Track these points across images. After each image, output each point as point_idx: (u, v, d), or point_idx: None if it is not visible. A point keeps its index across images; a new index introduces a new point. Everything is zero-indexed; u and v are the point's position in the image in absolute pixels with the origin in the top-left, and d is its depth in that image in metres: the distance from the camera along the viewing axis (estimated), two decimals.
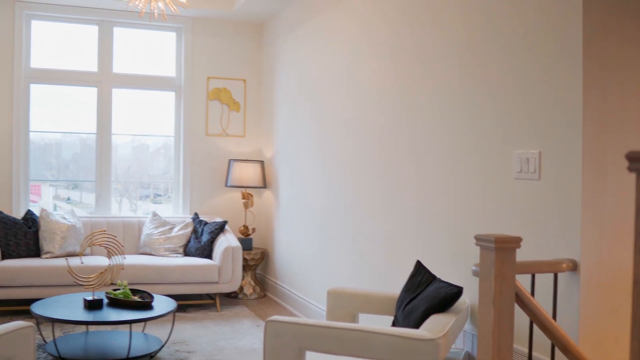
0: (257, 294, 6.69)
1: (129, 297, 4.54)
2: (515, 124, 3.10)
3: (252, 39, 7.15)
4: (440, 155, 3.74)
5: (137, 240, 6.47)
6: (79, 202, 7.31)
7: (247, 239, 6.76)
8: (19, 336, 2.66)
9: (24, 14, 6.44)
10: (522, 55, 3.05)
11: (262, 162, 6.84)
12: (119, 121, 6.91)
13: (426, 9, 3.91)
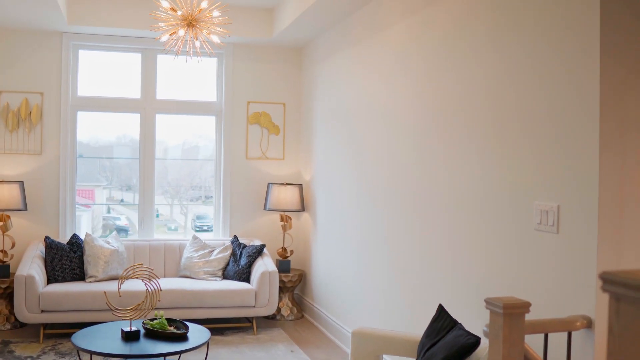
0: (295, 315, 6.79)
1: (165, 327, 4.69)
2: (537, 176, 3.11)
3: (292, 63, 7.26)
4: (466, 199, 3.76)
5: (178, 263, 6.64)
6: (131, 203, 7.56)
7: (285, 261, 6.86)
8: None
9: (71, 45, 6.70)
10: (547, 113, 3.06)
11: (300, 185, 6.93)
12: (163, 143, 7.13)
13: (458, 48, 3.93)
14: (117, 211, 8.07)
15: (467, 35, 3.80)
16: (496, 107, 3.47)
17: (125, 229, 7.85)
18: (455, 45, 3.93)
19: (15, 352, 5.33)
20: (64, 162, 6.66)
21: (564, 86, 2.92)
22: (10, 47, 6.50)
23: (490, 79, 3.54)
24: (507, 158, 3.35)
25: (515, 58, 3.29)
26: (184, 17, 4.52)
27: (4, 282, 5.99)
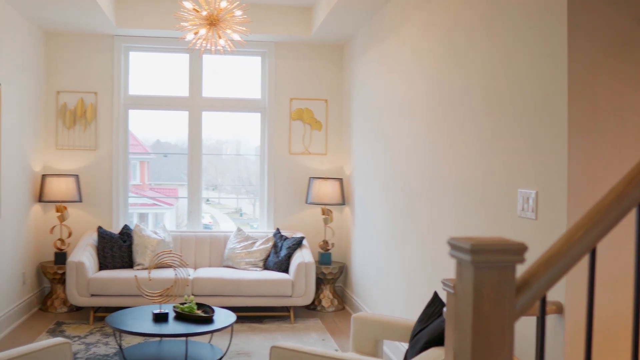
0: (335, 306, 6.94)
1: (193, 311, 4.95)
2: (521, 163, 3.16)
3: (333, 59, 7.43)
4: (464, 187, 3.83)
5: (222, 253, 6.93)
6: (217, 202, 7.92)
7: (326, 254, 7.03)
8: (56, 351, 3.09)
9: (123, 47, 7.11)
10: (523, 99, 3.12)
11: (341, 179, 7.09)
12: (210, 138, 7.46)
13: (460, 49, 4.01)
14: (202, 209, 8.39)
15: (463, 27, 3.87)
16: (487, 96, 3.53)
17: (209, 227, 8.20)
18: (454, 37, 4.01)
19: (66, 332, 5.74)
20: (116, 157, 7.08)
21: (534, 72, 2.97)
22: (66, 51, 6.97)
23: (481, 69, 3.61)
24: (496, 145, 3.41)
25: (502, 47, 3.35)
26: (207, 16, 4.76)
27: (61, 268, 6.43)
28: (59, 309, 6.47)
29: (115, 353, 5.13)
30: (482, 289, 1.37)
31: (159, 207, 8.32)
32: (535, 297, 1.42)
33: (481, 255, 1.36)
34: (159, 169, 7.90)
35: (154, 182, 8.39)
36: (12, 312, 5.84)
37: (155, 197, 8.27)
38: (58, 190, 6.56)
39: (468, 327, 1.38)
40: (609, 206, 1.44)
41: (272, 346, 3.19)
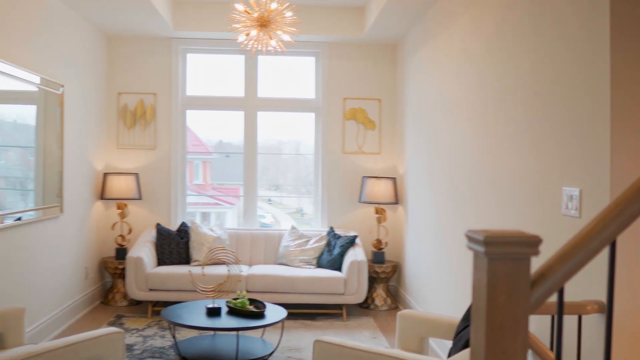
0: (388, 305, 6.96)
1: (245, 306, 5.07)
2: (564, 162, 3.12)
3: (386, 59, 7.44)
4: (507, 186, 3.80)
5: (277, 251, 7.04)
6: (279, 202, 8.07)
7: (379, 253, 7.06)
8: (109, 340, 3.23)
9: (180, 49, 7.31)
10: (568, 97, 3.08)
11: (394, 178, 7.10)
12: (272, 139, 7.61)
13: (507, 47, 3.98)
14: (264, 209, 8.58)
15: (509, 25, 3.84)
16: (531, 95, 3.50)
17: (270, 226, 8.36)
18: (500, 35, 3.97)
19: (125, 324, 5.95)
20: (174, 156, 7.28)
21: (577, 69, 2.94)
22: (127, 53, 7.21)
23: (526, 67, 3.57)
24: (540, 143, 3.37)
25: (547, 45, 3.31)
26: (258, 18, 4.86)
27: (122, 264, 6.67)
28: (119, 302, 6.71)
29: (170, 346, 5.29)
30: (496, 280, 1.39)
31: (221, 206, 8.49)
32: (551, 290, 1.43)
33: (495, 247, 1.37)
34: (221, 169, 8.09)
35: (216, 182, 8.57)
36: (75, 304, 6.10)
37: (217, 197, 8.46)
38: (119, 188, 6.81)
39: (482, 318, 1.40)
40: (628, 200, 1.43)
41: (316, 340, 3.24)
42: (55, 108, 5.59)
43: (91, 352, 3.17)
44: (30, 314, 5.08)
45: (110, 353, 3.23)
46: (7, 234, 4.65)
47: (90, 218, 6.68)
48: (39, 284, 5.27)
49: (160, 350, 5.19)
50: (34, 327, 5.13)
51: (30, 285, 5.08)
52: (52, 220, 5.55)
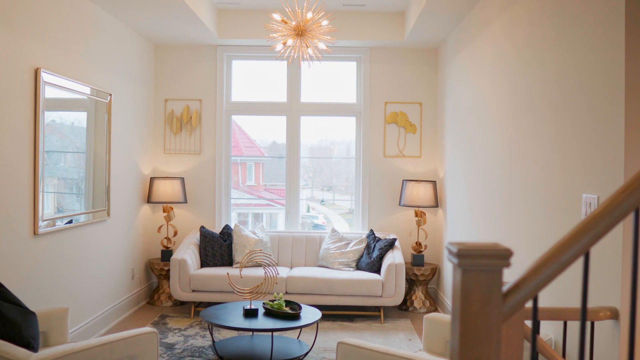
0: (427, 308, 7.00)
1: (281, 308, 5.21)
2: (585, 169, 3.15)
3: (427, 63, 7.48)
4: (531, 192, 3.83)
5: (317, 253, 7.18)
6: (332, 202, 8.21)
7: (418, 255, 7.11)
8: (144, 340, 3.42)
9: (225, 56, 7.52)
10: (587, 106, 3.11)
11: (434, 182, 7.14)
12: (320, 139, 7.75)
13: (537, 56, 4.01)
14: (317, 210, 8.73)
15: (537, 32, 3.87)
16: (554, 102, 3.53)
17: (322, 227, 8.51)
18: (528, 43, 4.01)
19: (168, 324, 6.18)
20: (219, 161, 7.50)
21: (595, 78, 2.97)
22: (174, 61, 7.47)
23: (549, 75, 3.60)
24: (562, 150, 3.40)
25: (569, 53, 3.34)
26: (295, 27, 5.00)
27: (167, 265, 6.91)
28: (164, 303, 6.95)
29: (210, 345, 5.48)
30: (469, 290, 1.47)
31: (273, 207, 8.67)
32: (525, 299, 1.51)
33: (467, 259, 1.46)
34: (274, 170, 8.26)
35: (268, 183, 8.73)
36: (121, 304, 6.36)
37: (267, 197, 8.62)
38: (165, 192, 7.05)
39: (457, 324, 1.49)
40: (598, 217, 1.50)
41: (339, 342, 3.35)
42: (103, 115, 5.86)
43: (126, 351, 3.35)
44: (79, 313, 5.34)
45: (145, 352, 3.41)
46: (58, 237, 4.91)
47: (138, 221, 6.95)
48: (87, 284, 5.53)
49: (200, 350, 5.38)
50: (81, 326, 5.39)
51: (78, 285, 5.35)
52: (100, 224, 5.82)
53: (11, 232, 4.23)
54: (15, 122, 4.28)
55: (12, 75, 4.21)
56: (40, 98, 4.56)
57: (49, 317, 3.79)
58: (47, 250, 4.77)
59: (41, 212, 4.63)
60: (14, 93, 4.26)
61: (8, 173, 4.19)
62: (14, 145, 4.26)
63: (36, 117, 4.54)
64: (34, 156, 4.53)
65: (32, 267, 4.53)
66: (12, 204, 4.23)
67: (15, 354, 2.97)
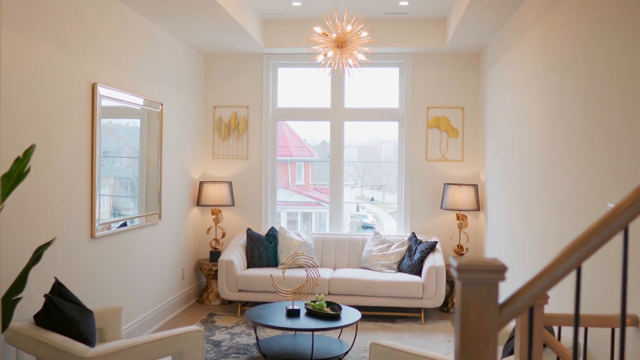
0: None
1: (322, 308, 5.43)
2: (609, 179, 3.27)
3: (469, 68, 7.59)
4: (562, 201, 3.94)
5: (360, 255, 7.37)
6: (381, 202, 8.39)
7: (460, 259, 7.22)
8: (190, 337, 3.68)
9: (271, 64, 7.79)
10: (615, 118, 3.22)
11: (475, 185, 7.25)
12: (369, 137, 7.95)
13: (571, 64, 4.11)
14: (366, 209, 8.93)
15: (573, 39, 3.97)
16: (583, 112, 3.64)
17: (372, 226, 8.71)
18: (564, 50, 4.11)
19: (216, 322, 6.47)
20: (265, 165, 7.77)
21: (621, 89, 3.07)
22: (222, 69, 7.77)
23: (581, 82, 3.71)
24: (590, 160, 3.51)
25: (600, 62, 3.45)
26: (336, 39, 5.20)
27: (215, 266, 7.21)
28: (213, 301, 7.25)
29: (254, 343, 5.73)
30: (468, 301, 1.65)
31: (322, 206, 8.90)
32: (521, 309, 1.68)
33: (466, 273, 1.64)
34: (323, 170, 8.46)
35: (317, 183, 8.94)
36: (171, 303, 6.69)
37: (315, 197, 8.82)
38: (213, 195, 7.35)
39: (458, 331, 1.67)
40: (592, 233, 1.66)
41: (372, 343, 3.54)
42: (155, 123, 6.18)
43: (174, 348, 3.62)
44: (132, 311, 5.67)
45: (192, 349, 3.67)
46: (113, 239, 5.24)
47: (188, 223, 7.27)
48: (139, 284, 5.86)
49: (245, 348, 5.64)
50: (134, 323, 5.72)
51: (131, 285, 5.68)
52: (152, 227, 6.14)
53: (71, 236, 4.57)
54: (75, 134, 4.61)
55: (70, 90, 4.55)
56: (97, 110, 4.89)
57: (104, 315, 4.10)
58: (103, 253, 5.10)
59: (98, 216, 4.95)
60: (73, 106, 4.59)
61: (69, 180, 4.52)
62: (74, 155, 4.59)
63: (93, 129, 4.87)
64: (91, 165, 4.86)
65: (90, 268, 4.86)
66: (72, 209, 4.57)
67: (75, 349, 3.26)
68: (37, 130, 4.12)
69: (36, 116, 4.11)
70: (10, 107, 3.83)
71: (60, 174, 4.42)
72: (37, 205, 4.12)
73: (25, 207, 3.97)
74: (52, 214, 4.31)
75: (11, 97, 3.84)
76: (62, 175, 4.45)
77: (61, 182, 4.43)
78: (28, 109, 4.02)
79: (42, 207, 4.18)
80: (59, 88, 4.40)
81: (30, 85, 4.05)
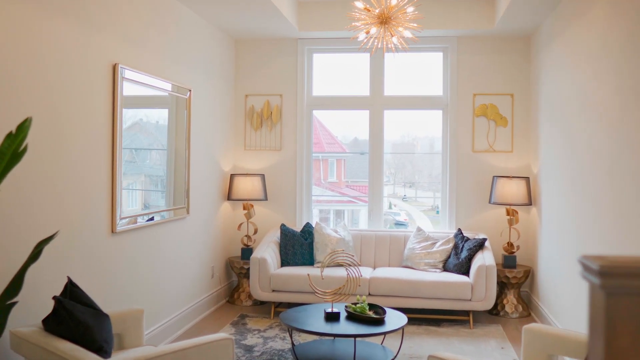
0: (519, 313, 6.57)
1: (365, 312, 4.93)
2: None
3: (519, 52, 7.02)
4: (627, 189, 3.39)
5: (402, 253, 6.85)
6: (414, 199, 7.95)
7: (510, 256, 6.68)
8: (219, 346, 3.21)
9: (306, 49, 7.30)
10: None
11: (527, 178, 6.68)
12: (402, 134, 7.45)
13: None
14: (398, 207, 8.49)
15: None
16: None
17: (404, 224, 8.26)
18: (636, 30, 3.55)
19: (248, 324, 6.02)
20: (300, 157, 7.29)
21: None
22: (254, 56, 7.31)
23: None
24: None
25: None
26: (379, 15, 4.70)
27: (247, 264, 6.76)
28: (244, 302, 6.80)
29: (289, 349, 5.26)
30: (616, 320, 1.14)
31: (355, 204, 8.48)
32: None
33: (615, 279, 1.13)
34: (355, 166, 8.05)
35: (350, 180, 8.55)
36: (201, 303, 6.24)
37: (349, 194, 8.43)
38: (245, 189, 6.90)
39: None
40: None
41: (429, 355, 3.05)
42: (182, 111, 5.74)
43: (201, 358, 3.16)
44: (156, 313, 5.24)
45: (221, 359, 3.21)
46: (137, 235, 4.81)
47: (218, 218, 6.82)
48: (165, 283, 5.42)
49: (280, 353, 5.17)
50: (158, 326, 5.28)
51: (155, 284, 5.24)
52: (179, 221, 5.70)
53: (90, 231, 4.14)
54: (94, 119, 4.18)
55: (89, 71, 4.11)
56: (117, 94, 4.45)
57: (124, 319, 3.66)
58: (125, 249, 4.67)
59: (119, 210, 4.52)
60: (92, 89, 4.15)
61: (87, 170, 4.09)
62: (92, 143, 4.16)
63: (114, 113, 4.44)
64: (112, 153, 4.43)
65: (109, 266, 4.43)
66: (88, 202, 4.14)
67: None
68: (49, 114, 3.69)
69: (47, 96, 3.68)
70: (17, 83, 3.40)
71: (75, 163, 3.99)
72: (45, 195, 3.69)
73: (30, 199, 3.54)
74: (64, 206, 3.88)
75: (20, 73, 3.41)
76: (78, 164, 4.02)
77: (76, 172, 4.00)
78: (38, 87, 3.59)
79: (52, 198, 3.75)
80: (76, 67, 3.96)
81: (44, 63, 3.62)
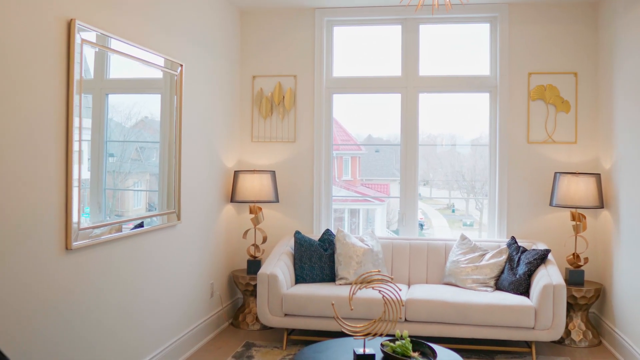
0: (589, 341, 5.32)
1: (408, 353, 3.69)
2: None
3: (584, 21, 5.76)
4: None
5: (442, 267, 5.63)
6: (429, 197, 6.85)
7: (577, 271, 5.43)
8: None
9: (325, 21, 6.08)
10: None
11: (597, 175, 5.42)
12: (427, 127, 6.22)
13: None
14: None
15: None
16: None
17: (421, 223, 7.16)
18: None
19: (254, 357, 4.82)
20: (318, 151, 6.08)
21: None
22: (263, 29, 6.12)
23: None
24: None
25: None
26: None
27: (254, 279, 5.58)
28: (250, 325, 5.63)
29: None
30: None
31: (370, 203, 7.44)
32: None
33: None
34: (370, 164, 6.93)
35: (365, 178, 7.51)
36: (197, 330, 5.06)
37: (365, 193, 7.38)
38: (252, 188, 5.70)
39: None
40: None
41: None
42: (171, 93, 4.55)
43: None
44: (136, 348, 4.05)
45: None
46: (104, 250, 3.62)
47: (219, 225, 5.63)
48: (148, 312, 4.23)
49: None
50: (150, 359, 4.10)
51: (133, 316, 4.05)
52: (167, 230, 4.51)
53: (29, 248, 2.96)
54: (36, 95, 2.99)
55: (31, 26, 2.92)
56: (73, 61, 3.26)
57: None
58: (87, 270, 3.48)
59: (76, 219, 3.34)
60: (35, 55, 2.97)
61: (25, 164, 2.91)
62: (33, 127, 2.98)
63: (69, 90, 3.25)
64: (66, 143, 3.24)
65: (62, 296, 3.25)
66: (30, 208, 2.95)
67: None
68: None
69: None
70: None
71: (8, 156, 2.81)
72: None
73: None
74: None
75: None
76: (7, 156, 2.84)
77: (6, 167, 2.83)
78: None
79: None
80: (10, 20, 2.78)
81: None
